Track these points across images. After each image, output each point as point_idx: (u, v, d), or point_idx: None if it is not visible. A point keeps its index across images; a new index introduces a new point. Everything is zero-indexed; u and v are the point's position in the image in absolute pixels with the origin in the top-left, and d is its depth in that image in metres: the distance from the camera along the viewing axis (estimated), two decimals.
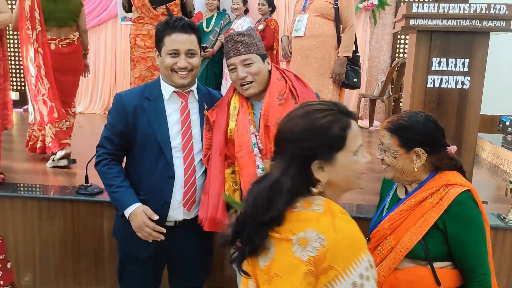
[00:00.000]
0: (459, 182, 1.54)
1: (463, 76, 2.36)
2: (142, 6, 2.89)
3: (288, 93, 1.74)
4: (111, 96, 6.35)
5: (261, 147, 1.75)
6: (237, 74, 1.74)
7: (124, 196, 1.79)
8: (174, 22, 1.79)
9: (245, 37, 1.76)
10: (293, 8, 5.81)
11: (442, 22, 2.30)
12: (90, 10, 6.15)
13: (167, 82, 1.86)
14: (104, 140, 1.86)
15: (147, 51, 2.92)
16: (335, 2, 3.05)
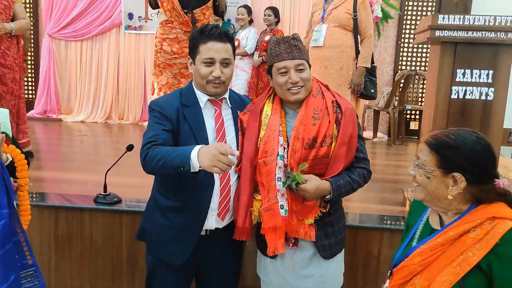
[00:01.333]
0: (509, 216, 1.27)
1: (487, 88, 2.37)
2: (172, 10, 2.83)
3: (324, 111, 1.73)
4: (113, 104, 6.31)
5: (285, 161, 1.71)
6: (289, 78, 1.71)
7: (183, 149, 1.60)
8: (210, 30, 1.76)
9: (299, 42, 1.75)
10: (297, 19, 5.88)
11: (467, 33, 2.32)
12: (94, 19, 6.13)
13: (200, 90, 1.83)
14: (151, 138, 1.69)
15: (173, 57, 2.86)
16: (354, 13, 3.06)
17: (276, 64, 1.74)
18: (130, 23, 6.14)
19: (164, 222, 1.83)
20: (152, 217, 1.89)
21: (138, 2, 6.07)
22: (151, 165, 1.65)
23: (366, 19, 3.09)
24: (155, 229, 1.86)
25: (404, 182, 3.48)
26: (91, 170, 3.57)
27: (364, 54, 3.08)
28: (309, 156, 1.68)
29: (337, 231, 1.82)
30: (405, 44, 5.93)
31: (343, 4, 3.10)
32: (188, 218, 1.79)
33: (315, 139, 1.68)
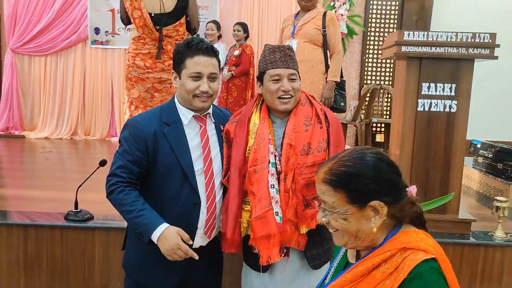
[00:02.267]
0: (422, 246, 1.09)
1: (451, 100, 2.49)
2: (144, 26, 2.83)
3: (314, 118, 1.76)
4: (79, 120, 6.19)
5: (279, 168, 1.73)
6: (282, 86, 1.73)
7: (149, 218, 1.63)
8: (197, 44, 1.72)
9: (293, 53, 1.79)
10: (265, 34, 5.98)
11: (431, 49, 2.44)
12: (59, 33, 6.03)
13: (185, 106, 1.78)
14: (118, 169, 1.69)
15: (146, 71, 2.85)
16: (323, 29, 3.17)
17: (269, 71, 1.75)
18: (97, 37, 6.07)
19: (147, 248, 1.72)
20: (134, 242, 1.82)
21: (105, 17, 6.03)
22: (115, 206, 1.70)
23: (335, 35, 3.20)
24: (138, 256, 1.80)
25: None
26: (59, 187, 3.48)
27: (334, 68, 3.18)
28: (306, 161, 1.70)
29: (324, 241, 1.82)
30: (370, 59, 6.14)
31: (313, 20, 3.20)
32: None
33: (309, 145, 1.71)
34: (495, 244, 2.45)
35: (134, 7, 2.80)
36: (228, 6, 6.08)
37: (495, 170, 3.58)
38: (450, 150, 2.51)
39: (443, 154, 2.51)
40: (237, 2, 6.06)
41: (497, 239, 2.48)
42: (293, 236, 1.73)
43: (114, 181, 1.68)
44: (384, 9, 6.04)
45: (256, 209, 1.71)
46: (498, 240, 2.47)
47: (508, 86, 6.13)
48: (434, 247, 1.10)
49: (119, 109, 6.18)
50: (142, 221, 1.63)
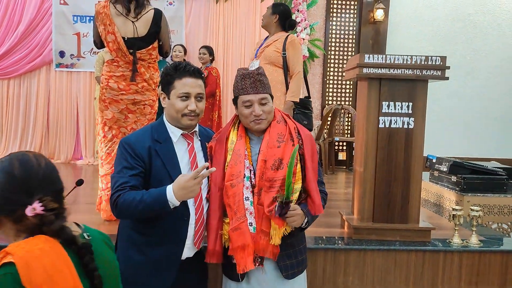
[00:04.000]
0: (13, 251, 1.07)
1: (408, 117, 2.70)
2: (117, 50, 2.90)
3: (287, 136, 1.88)
4: (42, 144, 6.10)
5: (253, 182, 1.84)
6: (253, 111, 1.85)
7: (154, 193, 1.70)
8: (184, 66, 1.86)
9: (263, 77, 1.90)
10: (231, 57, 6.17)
11: (389, 71, 2.65)
12: (23, 56, 5.97)
13: (173, 125, 1.90)
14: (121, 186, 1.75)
15: (120, 93, 2.91)
16: (283, 51, 3.36)
17: (241, 97, 1.88)
18: (62, 60, 6.05)
19: (140, 258, 1.84)
20: (126, 255, 1.87)
21: (70, 40, 6.04)
22: (127, 212, 1.74)
23: (294, 57, 3.39)
24: (131, 268, 1.84)
25: (339, 207, 3.74)
26: None
27: (292, 89, 3.36)
28: (276, 176, 1.81)
29: (298, 252, 1.92)
30: (330, 80, 6.42)
31: (274, 43, 3.41)
32: (166, 251, 1.83)
33: (280, 160, 1.82)
34: (452, 250, 2.64)
35: (108, 31, 2.87)
36: (193, 30, 6.23)
37: (450, 183, 3.83)
38: (409, 164, 2.71)
39: (403, 168, 2.70)
40: (202, 26, 6.23)
41: (454, 245, 2.67)
42: (267, 247, 1.81)
43: (117, 195, 1.74)
44: (342, 33, 6.37)
45: (232, 220, 1.82)
46: (455, 246, 2.66)
47: (457, 104, 6.56)
48: (29, 252, 1.08)
49: (84, 132, 6.14)
50: (153, 198, 1.69)
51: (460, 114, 6.60)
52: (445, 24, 6.49)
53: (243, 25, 6.24)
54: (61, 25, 5.99)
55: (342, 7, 6.35)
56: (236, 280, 1.89)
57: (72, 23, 6.02)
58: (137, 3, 2.89)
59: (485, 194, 3.57)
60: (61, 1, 5.97)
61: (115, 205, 1.74)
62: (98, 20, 2.92)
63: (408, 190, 2.71)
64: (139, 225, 1.86)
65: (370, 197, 2.73)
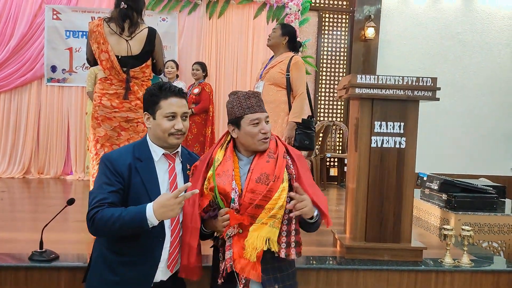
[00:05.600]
0: None
1: (400, 137, 2.72)
2: (111, 68, 2.90)
3: (280, 152, 1.90)
4: (32, 158, 6.04)
5: (236, 205, 1.82)
6: (262, 128, 1.88)
7: (133, 211, 1.71)
8: (170, 87, 1.90)
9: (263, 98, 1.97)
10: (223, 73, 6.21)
11: (381, 91, 2.68)
12: (14, 71, 5.93)
13: (157, 144, 1.91)
14: (98, 202, 1.76)
15: (113, 111, 2.91)
16: (287, 73, 3.39)
17: (249, 115, 1.89)
18: (53, 75, 6.03)
19: (113, 278, 1.84)
20: (100, 274, 1.87)
21: (62, 55, 6.03)
22: (103, 229, 1.73)
23: (297, 78, 3.43)
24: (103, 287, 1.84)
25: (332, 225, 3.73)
26: (19, 228, 3.41)
27: (295, 109, 3.38)
28: (257, 189, 1.80)
29: (285, 277, 1.91)
30: (322, 97, 6.47)
31: (278, 64, 3.44)
32: (140, 272, 1.83)
33: (267, 175, 1.82)
34: (444, 270, 2.65)
35: (102, 50, 2.88)
36: (186, 46, 6.26)
37: (441, 201, 3.86)
38: (401, 183, 2.72)
39: (395, 186, 2.72)
40: (195, 42, 6.26)
41: (446, 265, 2.68)
42: (246, 265, 1.80)
43: (95, 211, 1.74)
44: (334, 51, 6.45)
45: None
46: (447, 266, 2.67)
47: (446, 121, 6.64)
48: None
49: (75, 147, 6.10)
50: (131, 215, 1.69)
51: (450, 131, 6.68)
52: (434, 42, 6.60)
53: (236, 41, 6.28)
54: (53, 39, 5.99)
55: (333, 24, 6.43)
56: None
57: (65, 38, 6.02)
58: (131, 22, 2.91)
59: (476, 212, 3.59)
60: (54, 16, 5.97)
61: (92, 221, 1.73)
62: (91, 38, 2.93)
63: (400, 209, 2.73)
64: (114, 245, 1.85)
65: (363, 216, 2.73)
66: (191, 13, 6.18)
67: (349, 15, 6.43)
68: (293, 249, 1.87)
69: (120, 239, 1.82)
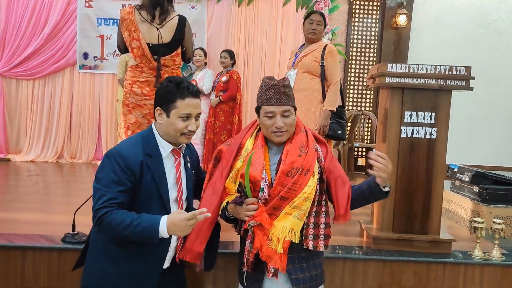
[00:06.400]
0: None
1: (431, 128, 2.67)
2: (142, 56, 2.93)
3: (310, 144, 1.87)
4: (65, 143, 6.22)
5: (265, 195, 1.79)
6: (275, 122, 1.83)
7: (147, 221, 1.68)
8: (187, 86, 1.85)
9: (288, 89, 1.87)
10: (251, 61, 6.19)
11: (412, 80, 2.63)
12: (47, 58, 6.09)
13: (167, 140, 1.90)
14: (107, 202, 1.72)
15: (144, 98, 2.95)
16: (321, 61, 3.36)
17: (264, 107, 1.86)
18: (85, 62, 6.16)
19: (114, 270, 1.81)
20: (99, 267, 1.85)
21: (93, 43, 6.14)
22: (110, 232, 1.71)
23: (332, 67, 3.39)
24: (105, 280, 1.82)
25: (358, 214, 3.70)
26: (51, 210, 3.53)
27: (330, 98, 3.35)
28: (289, 183, 1.78)
29: (312, 267, 1.88)
30: (351, 86, 6.38)
31: (312, 52, 3.40)
32: (147, 264, 1.83)
33: (298, 170, 1.79)
34: (474, 263, 2.60)
35: (133, 38, 2.91)
36: (215, 34, 6.27)
37: (471, 193, 3.77)
38: (431, 174, 2.67)
39: (424, 178, 2.67)
40: (224, 30, 6.26)
41: (475, 258, 2.63)
42: (273, 255, 1.77)
43: (103, 212, 1.70)
44: (364, 39, 6.33)
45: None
46: (477, 259, 2.62)
47: (480, 111, 6.45)
48: None
49: (106, 133, 6.24)
50: (143, 228, 1.67)
51: (483, 122, 6.48)
52: (468, 30, 6.39)
53: (264, 29, 6.24)
54: (85, 27, 6.10)
55: (364, 12, 6.31)
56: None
57: (96, 25, 6.13)
58: (162, 9, 2.92)
59: (508, 205, 3.49)
60: (86, 4, 6.08)
61: (100, 222, 1.70)
62: (123, 26, 2.96)
63: (429, 201, 2.68)
64: (117, 239, 1.79)
65: (390, 207, 2.71)
66: (220, 1, 6.18)
67: (381, 2, 6.28)
68: (322, 241, 1.86)
69: None
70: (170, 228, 1.66)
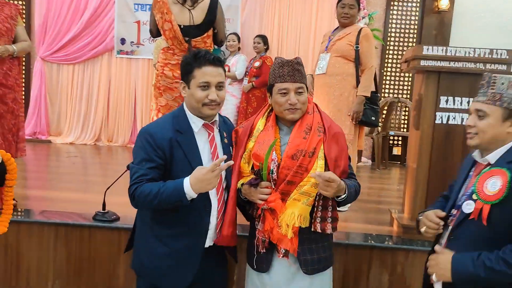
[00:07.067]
0: None
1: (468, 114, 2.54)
2: (173, 38, 2.94)
3: (315, 126, 1.84)
4: (103, 127, 6.39)
5: (275, 177, 1.79)
6: (289, 99, 1.81)
7: (171, 186, 1.70)
8: (204, 55, 1.82)
9: (301, 67, 1.86)
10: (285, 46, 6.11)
11: (449, 63, 2.51)
12: (86, 43, 6.25)
13: (195, 114, 1.88)
14: (139, 178, 1.75)
15: (174, 81, 2.96)
16: (356, 45, 3.24)
17: (278, 85, 1.84)
18: (122, 47, 6.27)
19: (163, 250, 1.85)
20: (149, 247, 1.89)
21: (130, 28, 6.24)
22: (144, 204, 1.75)
23: (367, 51, 3.27)
24: (155, 259, 1.87)
25: (389, 203, 3.62)
26: (86, 189, 3.64)
27: (364, 83, 3.24)
28: (293, 166, 1.77)
29: (321, 249, 1.87)
30: (388, 72, 6.20)
31: (347, 36, 3.29)
32: (190, 242, 1.85)
33: (302, 152, 1.78)
34: None
35: (165, 20, 2.92)
36: (249, 19, 6.23)
37: None
38: None
39: None
40: (258, 15, 6.21)
41: None
42: (283, 238, 1.79)
43: (135, 187, 1.75)
44: (403, 24, 6.12)
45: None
46: None
47: None
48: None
49: (141, 117, 6.35)
50: (170, 190, 1.69)
51: None
52: None
53: (298, 15, 6.14)
54: (122, 13, 6.20)
55: None
56: (259, 271, 1.89)
57: (133, 11, 6.21)
58: None
59: None
60: None
61: (133, 197, 1.74)
62: (155, 8, 2.98)
63: None
64: (161, 217, 1.84)
65: (423, 196, 2.61)
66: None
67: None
68: (329, 224, 1.84)
69: (167, 212, 1.82)
70: (195, 185, 1.67)
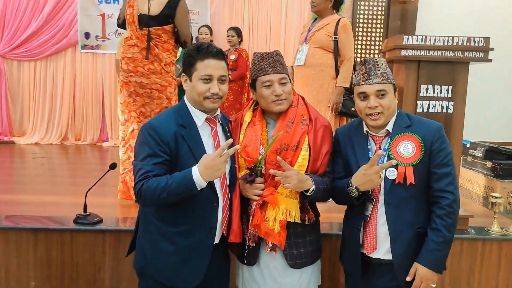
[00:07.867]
0: None
1: (448, 102, 2.59)
2: (131, 23, 2.91)
3: (298, 119, 1.83)
4: (69, 125, 6.17)
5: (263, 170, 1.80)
6: (274, 90, 1.81)
7: (179, 176, 1.65)
8: (207, 48, 1.78)
9: (281, 58, 1.86)
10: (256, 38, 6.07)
11: (428, 52, 2.54)
12: (48, 38, 6.01)
13: (196, 108, 1.83)
14: (144, 175, 1.68)
15: (129, 75, 2.88)
16: (334, 36, 3.23)
17: (260, 78, 1.83)
18: (87, 42, 6.06)
19: (170, 248, 1.78)
20: (154, 246, 1.82)
21: (95, 22, 6.03)
22: (151, 200, 1.68)
23: (346, 42, 3.27)
24: (160, 257, 1.80)
25: None
26: (60, 192, 3.50)
27: (343, 74, 3.24)
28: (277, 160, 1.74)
29: (308, 243, 1.88)
30: (358, 60, 6.26)
31: (325, 27, 3.28)
32: (198, 239, 1.79)
33: (286, 145, 1.79)
34: (491, 238, 2.56)
35: (130, 5, 2.93)
36: (218, 11, 6.15)
37: (485, 169, 3.72)
38: None
39: None
40: (227, 6, 6.14)
41: (493, 233, 2.59)
42: (270, 232, 1.80)
43: (140, 184, 1.68)
44: (370, 13, 6.19)
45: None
46: (495, 234, 2.58)
47: (492, 86, 6.33)
48: None
49: (110, 114, 6.18)
50: (178, 180, 1.64)
51: (495, 96, 6.37)
52: (480, 1, 6.23)
53: (268, 5, 6.11)
54: (86, 6, 5.99)
55: None
56: (248, 265, 1.90)
57: (97, 4, 6.01)
58: None
59: None
60: None
61: (139, 194, 1.68)
62: None
63: None
64: (167, 215, 1.79)
65: None
66: None
67: None
68: (307, 215, 1.86)
69: (174, 210, 1.76)
70: (204, 173, 1.62)
